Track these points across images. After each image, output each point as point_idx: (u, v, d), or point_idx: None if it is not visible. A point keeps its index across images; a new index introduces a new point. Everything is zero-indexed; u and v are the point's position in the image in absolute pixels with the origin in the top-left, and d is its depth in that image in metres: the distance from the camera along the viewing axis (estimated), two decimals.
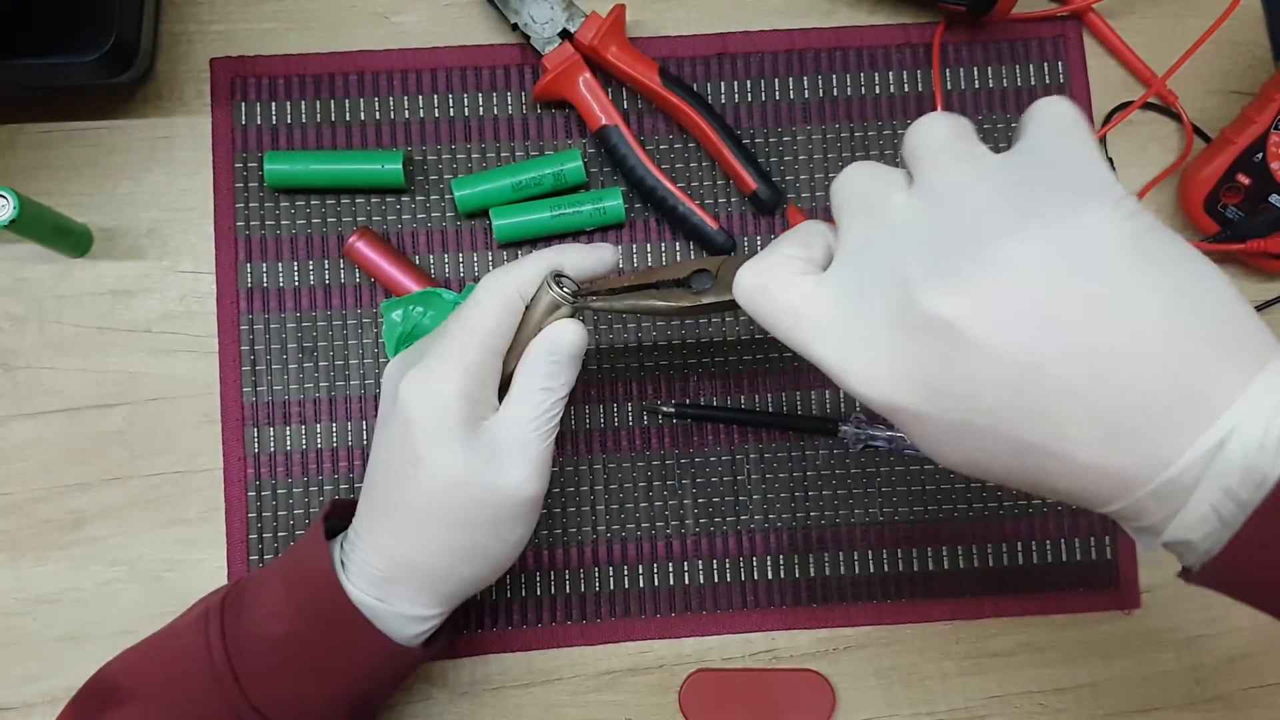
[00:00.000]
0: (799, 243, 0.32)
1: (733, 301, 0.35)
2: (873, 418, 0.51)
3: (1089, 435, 0.26)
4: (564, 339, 0.38)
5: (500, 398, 0.39)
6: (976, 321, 0.26)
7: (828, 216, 0.52)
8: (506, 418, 0.38)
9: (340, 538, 0.41)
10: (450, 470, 0.37)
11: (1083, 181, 0.27)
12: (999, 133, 0.53)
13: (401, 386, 0.37)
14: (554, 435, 0.39)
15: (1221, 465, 0.25)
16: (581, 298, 0.39)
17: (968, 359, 0.26)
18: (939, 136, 0.29)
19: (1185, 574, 0.29)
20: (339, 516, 0.42)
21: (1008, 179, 0.28)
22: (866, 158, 0.52)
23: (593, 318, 0.51)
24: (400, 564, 0.38)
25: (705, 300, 0.38)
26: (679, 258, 0.52)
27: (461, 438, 0.37)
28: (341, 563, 0.40)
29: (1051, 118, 0.29)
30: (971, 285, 0.26)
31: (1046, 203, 0.27)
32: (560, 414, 0.39)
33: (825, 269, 0.31)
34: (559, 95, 0.51)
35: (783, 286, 0.31)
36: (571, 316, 0.39)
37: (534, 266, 0.39)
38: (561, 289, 0.38)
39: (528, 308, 0.39)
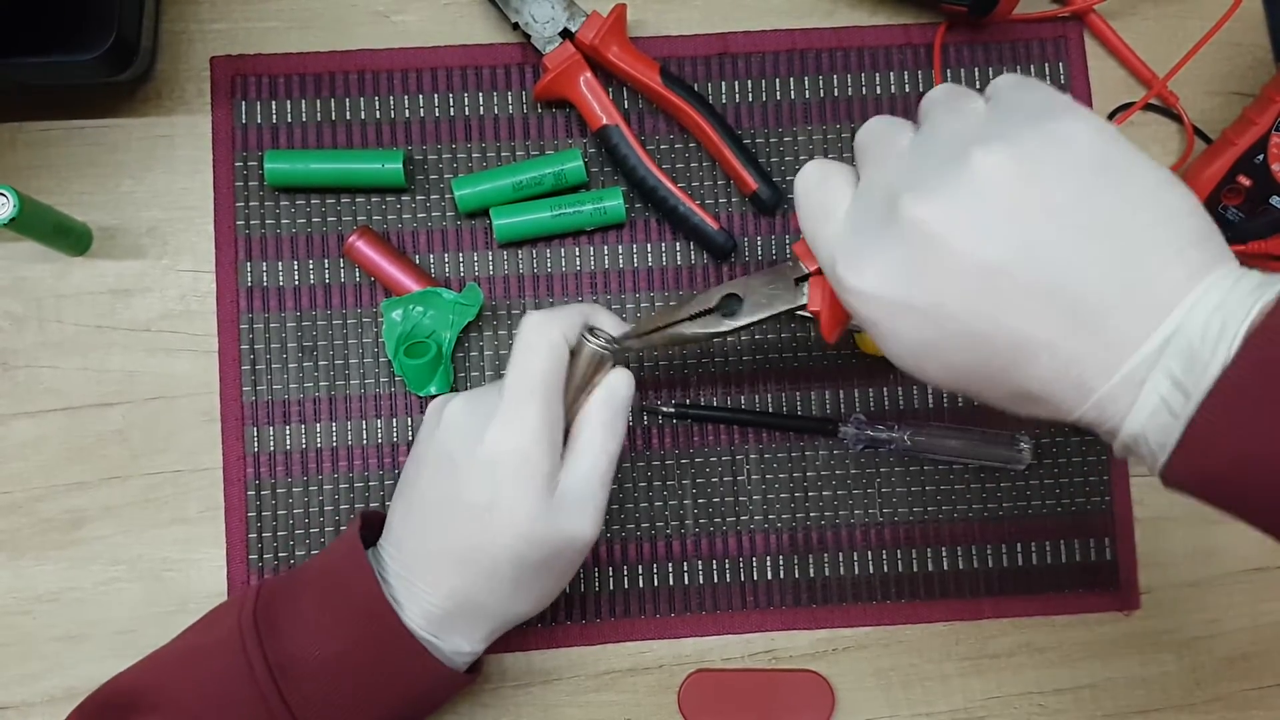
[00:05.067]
0: (852, 169, 0.36)
1: (763, 320, 0.39)
2: (873, 418, 0.51)
3: (1050, 335, 0.28)
4: (621, 390, 0.40)
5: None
6: (946, 223, 0.29)
7: None
8: (575, 470, 0.39)
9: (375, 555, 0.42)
10: (531, 521, 0.38)
11: (1052, 104, 0.30)
12: None
13: (488, 433, 0.38)
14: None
15: (1169, 358, 0.27)
16: (619, 343, 0.41)
17: (939, 259, 0.29)
18: (941, 94, 0.34)
19: (1162, 478, 0.30)
20: (365, 528, 0.42)
21: (990, 114, 0.31)
22: None
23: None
24: (464, 604, 0.39)
25: (739, 323, 0.39)
26: (679, 259, 0.52)
27: (542, 489, 0.38)
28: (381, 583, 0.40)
29: (1012, 80, 0.32)
30: (943, 191, 0.29)
31: (1019, 123, 0.30)
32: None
33: None
34: (559, 95, 0.51)
35: (835, 186, 0.34)
36: (615, 364, 0.41)
37: (572, 313, 0.40)
38: (597, 339, 0.40)
39: (571, 362, 0.40)
